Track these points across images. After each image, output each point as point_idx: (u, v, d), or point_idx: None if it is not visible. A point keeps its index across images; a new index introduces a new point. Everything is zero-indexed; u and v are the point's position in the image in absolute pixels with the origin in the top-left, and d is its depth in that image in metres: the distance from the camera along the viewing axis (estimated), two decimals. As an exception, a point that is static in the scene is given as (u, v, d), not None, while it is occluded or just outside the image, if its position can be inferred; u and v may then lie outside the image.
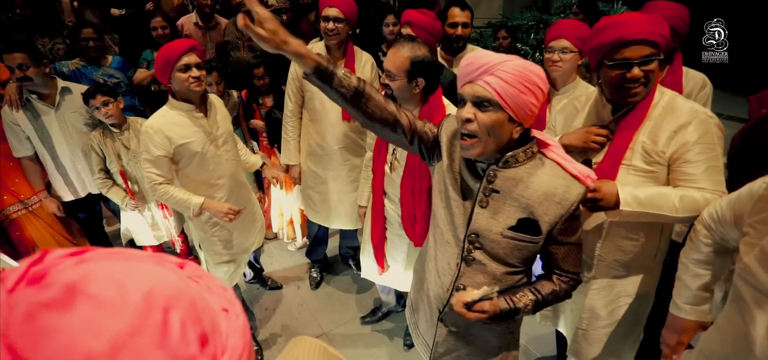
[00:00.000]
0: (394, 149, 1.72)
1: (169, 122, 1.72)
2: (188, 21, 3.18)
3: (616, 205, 1.16)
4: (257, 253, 2.62)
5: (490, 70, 0.89)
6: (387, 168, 1.77)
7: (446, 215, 1.11)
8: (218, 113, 1.89)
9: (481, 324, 1.16)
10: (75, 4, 3.45)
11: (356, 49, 2.18)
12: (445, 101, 1.60)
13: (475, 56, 0.93)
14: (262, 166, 2.21)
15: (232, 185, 1.92)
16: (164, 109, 1.77)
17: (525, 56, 3.07)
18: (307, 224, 2.69)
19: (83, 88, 2.32)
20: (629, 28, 1.11)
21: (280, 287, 2.74)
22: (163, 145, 1.70)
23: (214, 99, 1.93)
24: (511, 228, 1.01)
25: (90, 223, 2.67)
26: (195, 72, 1.68)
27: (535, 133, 1.02)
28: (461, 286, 1.12)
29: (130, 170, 2.40)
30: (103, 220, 2.82)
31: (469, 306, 1.01)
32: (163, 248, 2.78)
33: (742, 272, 0.84)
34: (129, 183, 2.40)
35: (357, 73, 2.11)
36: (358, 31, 3.24)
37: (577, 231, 1.04)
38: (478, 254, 1.08)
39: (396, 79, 1.46)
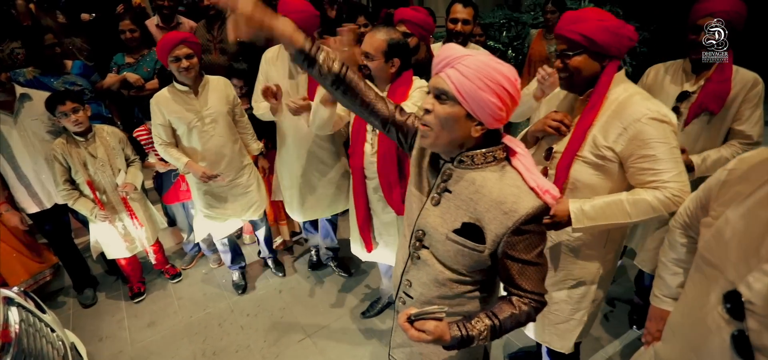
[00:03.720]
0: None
1: (164, 99, 2.15)
2: (151, 24, 3.18)
3: (570, 221, 1.23)
4: (267, 236, 2.79)
5: (452, 63, 0.88)
6: (368, 146, 1.80)
7: (408, 205, 1.11)
8: (212, 95, 2.22)
9: None
10: (31, 6, 3.29)
11: None
12: (414, 77, 1.73)
13: (443, 49, 0.91)
14: (259, 155, 2.55)
15: (217, 159, 2.27)
16: (166, 87, 2.18)
17: (494, 52, 3.13)
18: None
19: (44, 94, 2.21)
20: (557, 24, 1.26)
21: (283, 274, 2.86)
22: (159, 116, 2.16)
23: (213, 82, 2.25)
24: (455, 231, 0.96)
25: (57, 235, 2.56)
26: (184, 62, 2.03)
27: (507, 139, 0.97)
28: (407, 281, 1.10)
29: (99, 180, 2.31)
30: (72, 232, 2.70)
31: (411, 320, 0.92)
32: (137, 259, 2.69)
33: (701, 249, 0.91)
34: (97, 193, 2.32)
35: None
36: (336, 30, 3.24)
37: (534, 248, 0.92)
38: (424, 253, 1.04)
39: (374, 59, 1.61)
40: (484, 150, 0.93)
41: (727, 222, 0.84)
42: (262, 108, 2.18)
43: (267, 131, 2.55)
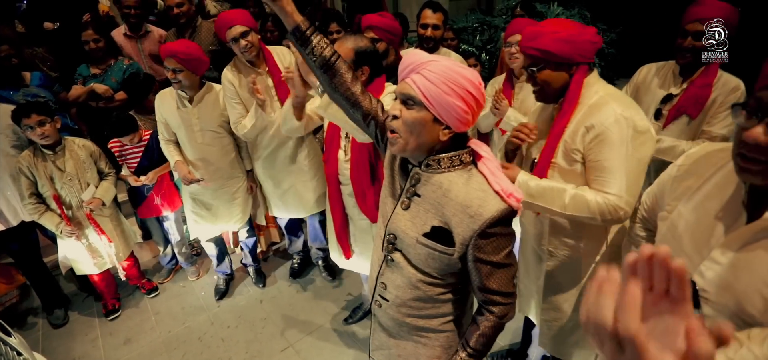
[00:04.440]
0: (347, 134, 1.77)
1: (164, 97, 2.27)
2: (118, 33, 3.11)
3: None
4: (252, 245, 2.78)
5: (417, 69, 0.90)
6: (341, 153, 1.81)
7: (382, 208, 1.12)
8: (207, 106, 2.26)
9: (410, 336, 1.13)
10: None
11: (272, 48, 2.26)
12: (387, 83, 1.71)
13: (407, 55, 0.94)
14: (250, 170, 2.53)
15: (204, 166, 2.33)
16: (169, 87, 2.26)
17: (468, 55, 3.19)
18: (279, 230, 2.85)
19: (9, 107, 2.13)
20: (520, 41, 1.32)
21: (263, 285, 2.81)
22: (158, 113, 2.28)
23: (216, 93, 2.28)
24: (425, 234, 0.97)
25: (25, 254, 2.46)
26: (170, 74, 2.12)
27: (472, 142, 0.99)
28: (383, 284, 1.11)
29: (65, 194, 2.24)
30: (40, 250, 2.59)
31: None
32: (111, 274, 2.61)
33: (659, 242, 0.95)
34: (64, 208, 2.24)
35: (279, 66, 2.20)
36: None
37: (501, 250, 0.94)
38: (396, 256, 1.06)
39: None
40: (451, 154, 0.95)
41: (679, 215, 0.88)
42: (248, 127, 2.16)
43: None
